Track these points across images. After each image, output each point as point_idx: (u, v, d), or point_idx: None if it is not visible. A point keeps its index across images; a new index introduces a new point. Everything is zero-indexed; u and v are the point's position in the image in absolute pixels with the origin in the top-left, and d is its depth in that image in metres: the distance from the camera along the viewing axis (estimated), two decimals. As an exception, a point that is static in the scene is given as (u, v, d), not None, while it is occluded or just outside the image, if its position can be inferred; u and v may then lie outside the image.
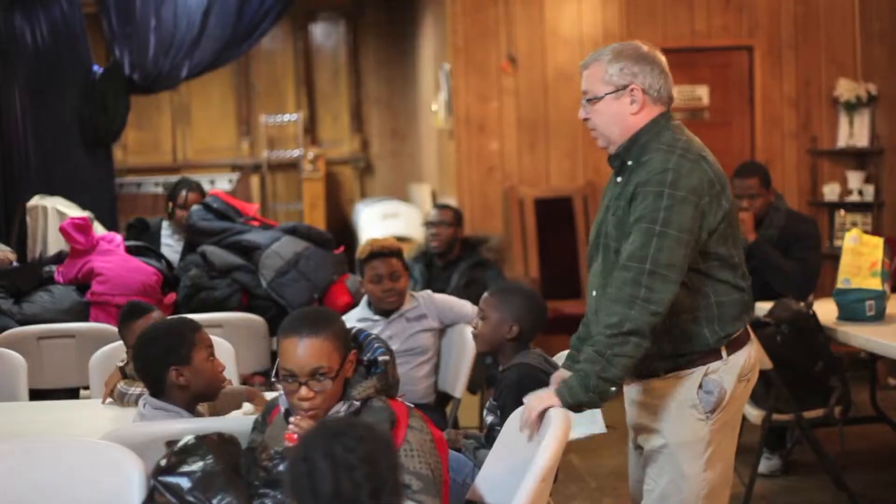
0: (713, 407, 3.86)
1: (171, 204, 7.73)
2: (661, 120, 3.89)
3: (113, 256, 6.60)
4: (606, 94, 3.89)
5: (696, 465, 3.88)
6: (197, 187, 7.77)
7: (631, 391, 4.05)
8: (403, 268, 6.00)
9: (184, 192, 7.66)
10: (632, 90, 3.87)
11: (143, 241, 7.28)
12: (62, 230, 6.76)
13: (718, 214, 3.76)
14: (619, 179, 3.92)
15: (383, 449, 2.54)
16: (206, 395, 4.12)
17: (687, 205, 3.67)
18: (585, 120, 4.00)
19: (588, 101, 3.94)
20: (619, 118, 3.89)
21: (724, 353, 3.87)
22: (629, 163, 3.88)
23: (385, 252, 5.97)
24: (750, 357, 3.95)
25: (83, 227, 6.68)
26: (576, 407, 3.70)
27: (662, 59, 3.96)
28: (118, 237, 6.93)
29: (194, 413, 4.09)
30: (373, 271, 5.94)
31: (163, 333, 4.12)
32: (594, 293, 3.96)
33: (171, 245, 7.67)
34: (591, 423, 4.19)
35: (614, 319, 3.64)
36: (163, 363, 4.02)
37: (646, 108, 3.89)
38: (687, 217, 3.67)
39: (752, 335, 4.06)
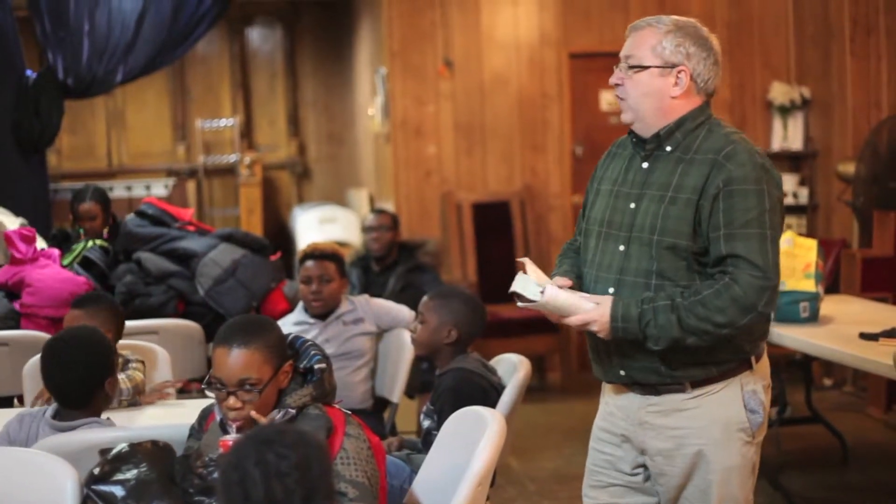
0: (760, 426, 3.63)
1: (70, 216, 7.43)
2: (708, 109, 3.62)
3: (46, 269, 6.53)
4: (653, 65, 3.55)
5: (745, 491, 3.62)
6: (88, 197, 7.21)
7: (639, 412, 3.63)
8: (340, 274, 5.97)
9: (77, 206, 7.23)
10: (680, 71, 3.54)
11: (63, 250, 7.14)
12: (7, 237, 6.70)
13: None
14: (644, 165, 3.59)
15: (316, 455, 2.53)
16: (105, 407, 4.10)
17: (781, 204, 3.49)
18: (616, 85, 3.64)
19: (630, 67, 3.58)
20: (658, 97, 3.56)
21: (753, 362, 3.61)
22: (668, 148, 3.56)
23: (318, 255, 5.94)
24: (768, 366, 3.71)
25: (28, 238, 6.62)
26: (618, 334, 3.44)
27: (718, 48, 3.62)
28: (56, 252, 6.85)
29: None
30: (304, 272, 5.93)
31: (97, 343, 4.08)
32: (611, 290, 3.56)
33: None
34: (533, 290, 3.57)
35: (722, 320, 3.36)
36: (101, 376, 3.98)
37: (689, 95, 3.57)
38: (782, 217, 3.50)
39: None
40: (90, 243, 6.97)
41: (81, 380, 3.97)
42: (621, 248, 3.56)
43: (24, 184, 9.83)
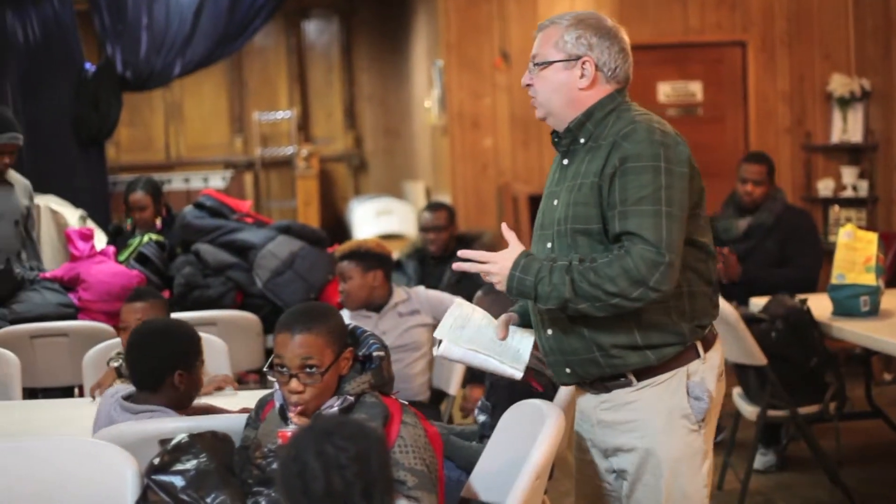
0: (705, 414, 3.51)
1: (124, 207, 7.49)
2: (619, 97, 3.56)
3: (100, 265, 6.59)
4: (556, 60, 3.54)
5: (697, 482, 3.53)
6: (139, 187, 7.29)
7: (594, 411, 3.61)
8: (362, 271, 5.97)
9: (128, 196, 7.31)
10: (584, 63, 3.51)
11: (118, 245, 7.19)
12: (67, 235, 6.80)
13: (694, 196, 3.45)
14: (565, 162, 3.61)
15: (374, 447, 2.53)
16: (184, 402, 4.11)
17: (684, 181, 3.38)
18: (528, 86, 3.64)
19: (536, 65, 3.58)
20: (565, 90, 3.54)
21: (701, 352, 3.51)
22: (582, 140, 3.54)
23: (338, 256, 6.09)
24: (720, 355, 3.61)
25: (87, 236, 6.72)
26: (513, 283, 3.41)
27: (625, 37, 3.61)
28: (112, 250, 6.90)
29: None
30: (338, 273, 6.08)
31: (179, 334, 4.11)
32: None
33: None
34: (514, 360, 3.61)
35: (612, 289, 3.27)
36: (172, 364, 4.00)
37: (596, 86, 3.53)
38: (685, 195, 3.38)
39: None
40: (146, 238, 7.01)
41: (151, 363, 4.02)
42: (548, 245, 3.57)
43: (84, 176, 9.92)
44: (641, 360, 3.46)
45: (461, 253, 3.60)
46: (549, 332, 3.56)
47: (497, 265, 3.48)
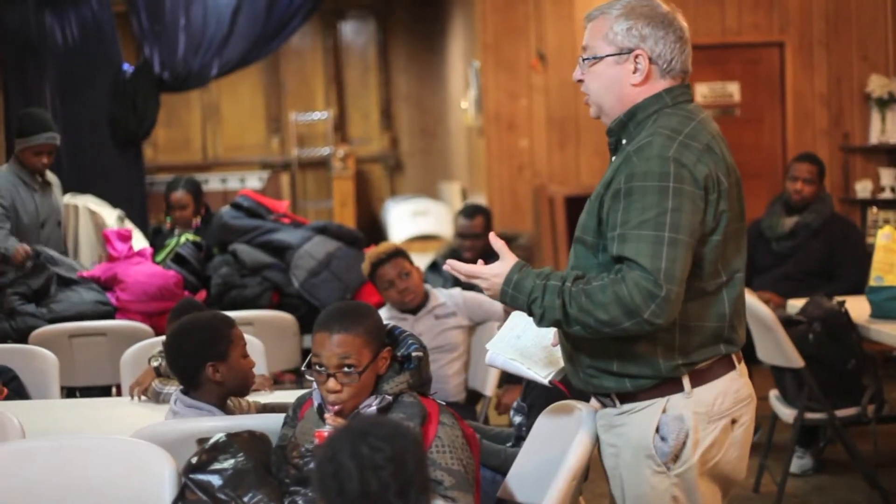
0: (670, 458, 3.17)
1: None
2: (667, 97, 3.24)
3: (137, 266, 6.63)
4: (607, 55, 3.26)
5: None
6: (180, 186, 7.38)
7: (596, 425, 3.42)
8: (410, 263, 5.97)
9: (169, 195, 7.38)
10: (637, 56, 3.23)
11: (156, 245, 7.25)
12: (105, 236, 6.86)
13: (715, 219, 3.13)
14: (613, 159, 3.28)
15: (410, 447, 2.53)
16: (237, 392, 4.14)
17: (697, 202, 3.07)
18: (579, 82, 3.37)
19: (585, 60, 3.32)
20: (617, 86, 3.27)
21: (686, 385, 3.18)
22: (624, 141, 3.26)
23: (385, 257, 5.93)
24: (723, 395, 3.22)
25: (125, 237, 6.79)
26: (506, 299, 3.21)
27: (683, 24, 3.28)
28: (149, 251, 6.95)
29: (225, 409, 4.09)
30: (382, 279, 5.91)
31: (200, 328, 4.12)
32: None
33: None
34: (546, 364, 3.49)
35: (604, 317, 3.03)
36: (200, 358, 4.01)
37: (650, 81, 3.24)
38: (697, 217, 3.07)
39: (739, 366, 3.31)
40: (183, 238, 7.05)
41: (181, 363, 4.06)
42: (572, 253, 3.36)
43: (121, 177, 9.98)
44: (617, 385, 3.23)
45: (447, 265, 3.33)
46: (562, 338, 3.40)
47: (487, 281, 3.24)
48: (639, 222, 3.05)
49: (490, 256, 3.36)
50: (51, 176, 6.99)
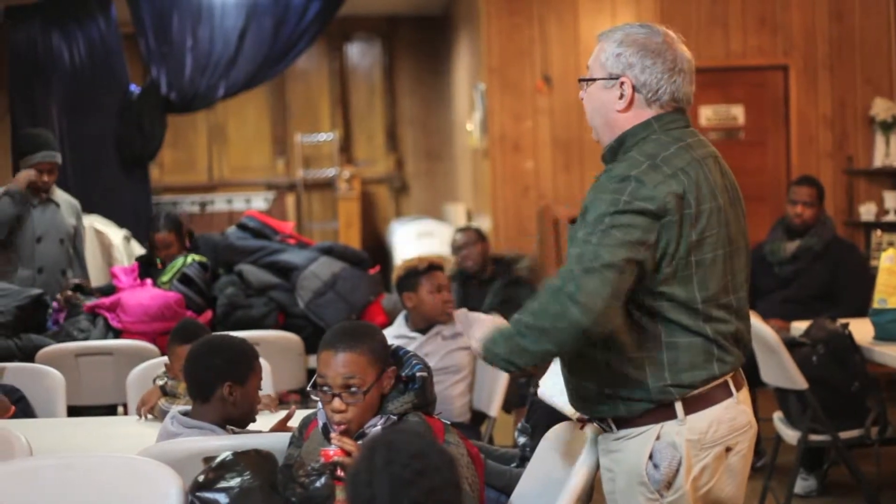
0: (662, 485, 3.14)
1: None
2: (655, 124, 3.22)
3: (139, 291, 6.68)
4: (599, 77, 3.28)
5: None
6: (161, 226, 7.13)
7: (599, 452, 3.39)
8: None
9: (153, 236, 7.17)
10: (622, 83, 3.23)
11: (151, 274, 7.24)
12: (112, 273, 6.99)
13: (682, 242, 3.07)
14: None
15: (442, 465, 2.51)
16: (238, 420, 4.13)
17: (643, 219, 3.04)
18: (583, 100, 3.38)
19: (581, 80, 3.36)
20: (605, 110, 3.27)
21: (679, 411, 3.14)
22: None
23: (440, 265, 6.04)
24: (718, 422, 3.17)
25: (130, 273, 6.93)
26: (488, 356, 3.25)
27: (681, 54, 3.27)
28: (149, 282, 6.96)
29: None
30: (433, 281, 5.95)
31: (230, 347, 4.13)
32: None
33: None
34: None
35: (540, 316, 3.08)
36: (221, 374, 4.03)
37: (635, 108, 3.23)
38: (639, 231, 3.03)
39: (738, 394, 3.24)
40: (189, 259, 7.06)
41: (201, 373, 4.06)
42: None
43: (127, 196, 10.02)
44: (611, 409, 3.20)
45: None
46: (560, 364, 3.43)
47: (473, 340, 3.34)
48: (583, 234, 3.09)
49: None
50: (64, 196, 7.01)
